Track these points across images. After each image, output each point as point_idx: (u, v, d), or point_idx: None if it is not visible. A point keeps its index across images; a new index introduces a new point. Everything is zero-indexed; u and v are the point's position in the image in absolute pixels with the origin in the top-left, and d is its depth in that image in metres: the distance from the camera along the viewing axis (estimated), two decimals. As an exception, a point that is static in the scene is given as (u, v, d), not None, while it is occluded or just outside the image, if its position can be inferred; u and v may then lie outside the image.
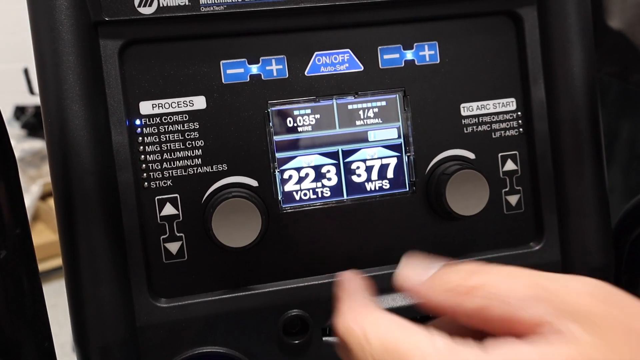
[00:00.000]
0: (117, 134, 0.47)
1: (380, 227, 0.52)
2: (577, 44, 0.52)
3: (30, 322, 0.44)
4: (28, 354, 0.44)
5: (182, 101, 0.48)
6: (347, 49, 0.51)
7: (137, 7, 0.46)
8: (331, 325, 0.50)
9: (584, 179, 0.53)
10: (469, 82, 0.53)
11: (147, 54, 0.47)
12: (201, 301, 0.49)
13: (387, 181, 0.52)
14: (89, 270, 0.46)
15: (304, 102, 0.50)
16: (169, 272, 0.49)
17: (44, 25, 0.44)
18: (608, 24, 0.68)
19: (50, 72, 0.45)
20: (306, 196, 0.51)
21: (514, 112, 0.54)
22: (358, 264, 0.51)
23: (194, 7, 0.47)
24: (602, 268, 0.54)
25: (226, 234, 0.47)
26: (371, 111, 0.52)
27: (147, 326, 0.48)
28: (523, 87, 0.54)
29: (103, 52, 0.46)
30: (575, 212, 0.53)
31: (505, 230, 0.54)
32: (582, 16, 0.52)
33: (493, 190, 0.52)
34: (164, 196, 0.48)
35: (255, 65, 0.49)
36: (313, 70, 0.50)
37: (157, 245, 0.48)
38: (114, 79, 0.47)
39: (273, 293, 0.50)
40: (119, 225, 0.47)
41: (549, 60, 0.53)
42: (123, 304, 0.47)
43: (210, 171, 0.49)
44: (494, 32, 0.53)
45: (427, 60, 0.52)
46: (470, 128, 0.53)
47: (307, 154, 0.51)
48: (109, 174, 0.46)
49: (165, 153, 0.48)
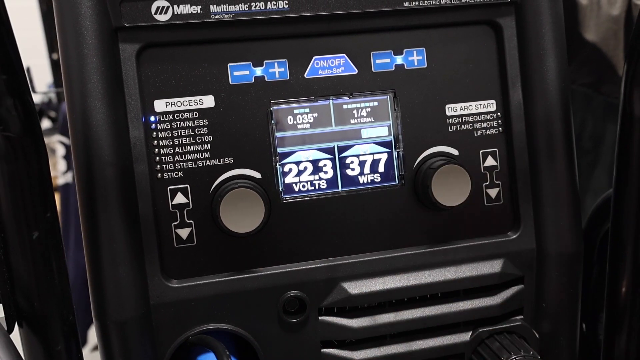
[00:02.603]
0: (134, 129, 0.51)
1: (372, 217, 0.56)
2: (551, 51, 0.56)
3: (57, 298, 0.48)
4: (55, 326, 0.48)
5: (193, 100, 0.52)
6: (342, 53, 0.55)
7: (153, 15, 0.50)
8: (330, 305, 0.55)
9: (556, 174, 0.57)
10: (454, 85, 0.57)
11: (161, 56, 0.51)
12: (208, 282, 0.53)
13: (379, 175, 0.56)
14: (108, 253, 0.49)
15: (303, 102, 0.54)
16: (179, 255, 0.52)
17: (70, 31, 0.48)
18: (584, 37, 0.72)
19: (75, 72, 0.48)
20: (305, 188, 0.55)
21: (494, 112, 0.58)
22: (351, 250, 0.55)
23: (205, 15, 0.51)
24: (572, 254, 0.58)
25: (232, 221, 0.51)
26: (364, 111, 0.56)
27: (159, 304, 0.52)
28: (502, 90, 0.58)
29: (122, 54, 0.50)
30: (548, 204, 0.57)
31: (485, 220, 0.58)
32: (556, 26, 0.56)
33: (474, 183, 0.56)
34: (176, 186, 0.52)
35: (260, 68, 0.53)
36: (312, 73, 0.54)
37: (169, 231, 0.52)
38: (131, 79, 0.51)
39: (274, 275, 0.54)
40: (135, 213, 0.51)
41: (526, 66, 0.57)
42: (138, 284, 0.51)
43: (218, 164, 0.53)
44: (476, 39, 0.57)
45: (416, 65, 0.56)
46: (454, 127, 0.57)
47: (306, 149, 0.55)
48: (126, 165, 0.50)
49: (177, 147, 0.52)
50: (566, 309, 0.59)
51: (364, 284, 0.55)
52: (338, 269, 0.55)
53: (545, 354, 0.59)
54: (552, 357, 0.59)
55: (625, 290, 0.59)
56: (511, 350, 0.56)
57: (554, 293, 0.58)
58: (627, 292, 0.59)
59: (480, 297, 0.58)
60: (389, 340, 0.57)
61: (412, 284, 0.56)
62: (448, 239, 0.57)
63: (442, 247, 0.57)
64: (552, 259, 0.58)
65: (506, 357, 0.55)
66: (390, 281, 0.56)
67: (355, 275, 0.55)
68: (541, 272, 0.58)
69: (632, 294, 0.59)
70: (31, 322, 0.47)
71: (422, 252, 0.56)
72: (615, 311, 0.61)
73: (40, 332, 0.47)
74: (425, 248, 0.57)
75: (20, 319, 0.47)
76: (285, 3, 0.52)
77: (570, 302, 0.59)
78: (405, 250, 0.56)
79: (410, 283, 0.56)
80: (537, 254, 0.58)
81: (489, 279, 0.57)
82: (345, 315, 0.56)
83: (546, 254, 0.58)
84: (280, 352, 0.55)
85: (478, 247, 0.57)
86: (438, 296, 0.57)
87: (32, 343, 0.47)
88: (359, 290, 0.55)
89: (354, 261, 0.55)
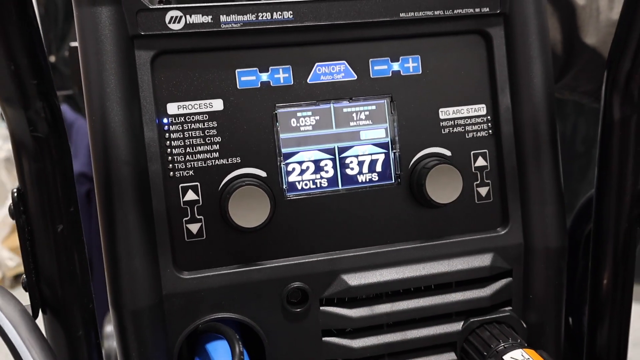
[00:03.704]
0: (149, 131, 0.54)
1: (370, 213, 0.59)
2: (537, 59, 0.59)
3: (78, 287, 0.51)
4: (76, 312, 0.51)
5: (203, 103, 0.55)
6: (343, 60, 0.58)
7: (168, 24, 0.53)
8: (331, 296, 0.57)
9: (542, 174, 0.60)
10: (446, 90, 0.60)
11: (174, 63, 0.54)
12: (217, 274, 0.55)
13: (376, 174, 0.59)
14: (124, 246, 0.52)
15: (306, 106, 0.57)
16: (190, 248, 0.55)
17: (91, 39, 0.51)
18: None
19: (95, 77, 0.51)
20: (307, 186, 0.58)
21: (484, 116, 0.61)
22: (351, 244, 0.58)
23: (215, 25, 0.54)
24: (557, 249, 0.61)
25: (240, 216, 0.54)
26: (363, 114, 0.59)
27: (171, 294, 0.54)
28: (492, 95, 0.61)
29: (138, 61, 0.53)
30: (535, 202, 0.60)
31: (476, 216, 0.61)
32: (541, 36, 0.59)
33: (466, 182, 0.59)
34: (187, 184, 0.55)
35: (265, 74, 0.56)
36: (314, 79, 0.58)
37: (180, 226, 0.55)
38: (146, 83, 0.54)
39: (278, 268, 0.57)
40: (149, 209, 0.54)
41: (514, 72, 0.60)
42: (152, 275, 0.54)
43: (226, 163, 0.56)
44: (467, 48, 0.60)
45: (411, 71, 0.59)
46: (447, 129, 0.60)
47: (308, 149, 0.58)
48: (141, 164, 0.53)
49: (188, 147, 0.55)
50: (552, 300, 0.62)
51: (363, 276, 0.58)
52: (338, 262, 0.58)
53: (532, 343, 0.62)
54: (539, 346, 0.62)
55: (607, 283, 0.62)
56: (500, 339, 0.58)
57: (540, 285, 0.61)
58: (608, 284, 0.62)
59: (471, 289, 0.61)
60: (385, 330, 0.60)
61: (408, 276, 0.59)
62: (441, 234, 0.60)
63: (436, 242, 0.60)
64: (538, 253, 0.61)
65: (495, 345, 0.58)
66: (387, 274, 0.59)
67: (355, 268, 0.58)
68: (528, 265, 0.61)
69: (613, 287, 0.63)
70: (54, 309, 0.50)
71: (416, 246, 0.59)
72: (597, 303, 0.64)
73: (62, 319, 0.50)
74: (420, 243, 0.60)
75: (44, 306, 0.51)
76: (290, 13, 0.55)
77: (556, 293, 0.62)
78: (401, 245, 0.59)
79: (406, 275, 0.59)
80: (524, 249, 0.61)
81: (480, 272, 0.60)
82: (345, 305, 0.59)
83: (533, 249, 0.61)
84: (284, 340, 0.58)
85: (469, 242, 0.60)
86: (432, 288, 0.60)
87: (54, 329, 0.51)
88: (357, 282, 0.58)
89: (353, 255, 0.58)
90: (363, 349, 0.59)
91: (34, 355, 0.41)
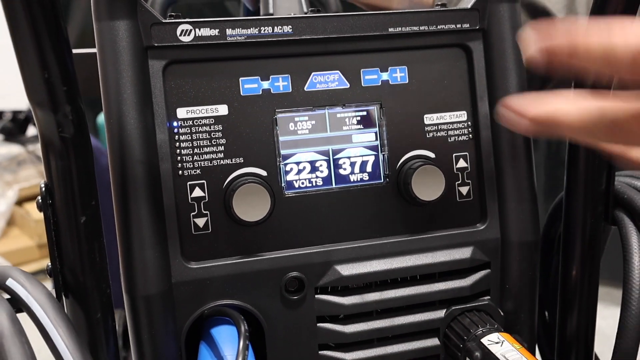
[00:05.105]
0: (160, 133, 0.58)
1: (361, 209, 0.63)
2: (513, 70, 0.64)
3: (97, 274, 0.55)
4: (94, 296, 0.55)
5: (209, 108, 0.60)
6: (337, 70, 0.62)
7: (178, 36, 0.58)
8: (325, 285, 0.62)
9: (518, 174, 0.65)
10: (431, 98, 0.64)
11: (184, 71, 0.59)
12: (221, 264, 0.59)
13: (367, 174, 0.63)
14: (137, 238, 0.57)
15: (303, 111, 0.62)
16: (197, 241, 0.59)
17: (109, 49, 0.56)
18: None
19: (113, 84, 0.56)
20: (304, 184, 0.62)
21: (465, 122, 0.65)
22: (344, 238, 0.63)
23: (222, 37, 0.59)
24: (531, 243, 0.66)
25: (243, 212, 0.58)
26: (355, 119, 0.63)
27: (179, 282, 0.59)
28: (472, 103, 0.65)
29: (151, 69, 0.58)
30: (511, 200, 0.65)
31: (457, 213, 0.65)
32: (517, 50, 0.64)
33: (448, 182, 0.64)
34: (194, 182, 0.59)
35: (267, 82, 0.61)
36: (311, 87, 0.62)
37: (188, 220, 0.59)
38: (158, 90, 0.58)
39: (277, 259, 0.61)
40: (160, 204, 0.58)
41: (492, 82, 0.64)
42: (162, 264, 0.58)
43: (230, 163, 0.60)
44: (450, 60, 0.65)
45: (399, 81, 0.64)
46: (431, 133, 0.65)
47: (305, 151, 0.62)
48: (154, 163, 0.57)
49: (196, 148, 0.59)
50: (526, 290, 0.67)
51: (354, 267, 0.63)
52: (332, 254, 0.62)
53: (508, 329, 0.67)
54: (515, 331, 0.67)
55: (575, 274, 0.67)
56: (479, 325, 0.63)
57: (515, 276, 0.66)
58: (576, 275, 0.67)
59: (453, 280, 0.65)
60: (375, 316, 0.64)
61: (395, 267, 0.63)
62: (426, 229, 0.65)
63: (421, 236, 0.64)
64: (514, 246, 0.65)
65: (474, 331, 0.62)
66: (377, 264, 0.63)
67: (347, 260, 0.62)
68: (505, 258, 0.66)
69: (581, 278, 0.68)
70: (75, 293, 0.55)
71: (403, 240, 0.64)
72: (567, 293, 0.69)
73: (82, 303, 0.55)
74: (406, 237, 0.64)
75: (67, 291, 0.55)
76: (289, 28, 0.60)
77: (530, 284, 0.67)
78: (389, 239, 0.63)
79: (394, 266, 0.63)
80: (501, 243, 0.65)
81: (461, 264, 0.65)
82: (338, 294, 0.63)
83: (509, 243, 0.65)
84: (282, 326, 0.62)
85: (451, 236, 0.65)
86: (417, 278, 0.65)
87: (75, 311, 0.55)
88: (349, 272, 0.62)
89: (346, 247, 0.62)
90: (354, 334, 0.63)
91: (60, 334, 0.46)
